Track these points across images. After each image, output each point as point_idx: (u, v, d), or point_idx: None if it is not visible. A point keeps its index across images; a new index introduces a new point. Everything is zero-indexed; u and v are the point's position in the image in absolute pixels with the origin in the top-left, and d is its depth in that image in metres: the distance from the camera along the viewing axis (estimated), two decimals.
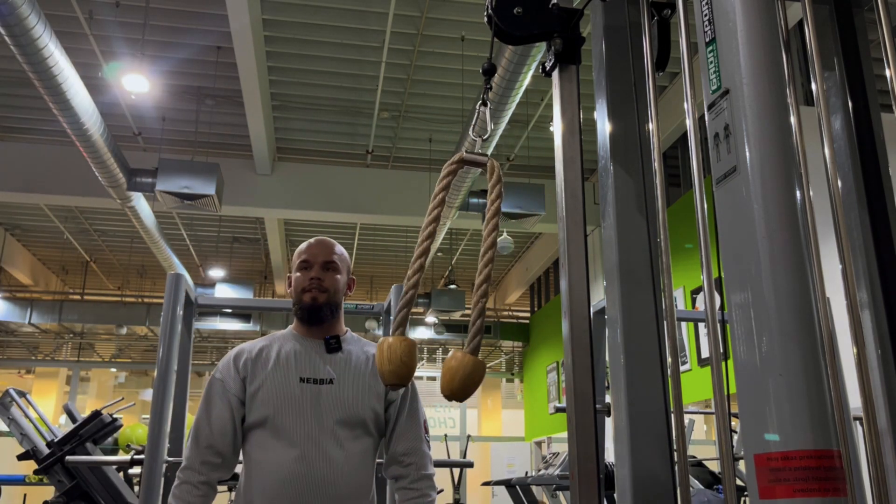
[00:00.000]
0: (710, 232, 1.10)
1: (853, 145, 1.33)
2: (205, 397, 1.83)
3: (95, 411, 4.79)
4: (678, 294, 7.08)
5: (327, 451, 1.75)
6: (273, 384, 1.79)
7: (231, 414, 1.79)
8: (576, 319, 1.26)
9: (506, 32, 1.36)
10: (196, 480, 1.74)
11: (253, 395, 1.79)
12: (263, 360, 1.84)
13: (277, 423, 1.76)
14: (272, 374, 1.81)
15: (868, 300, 1.27)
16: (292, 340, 1.89)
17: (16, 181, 8.54)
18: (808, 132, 1.04)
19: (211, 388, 1.83)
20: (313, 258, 1.89)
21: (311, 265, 1.88)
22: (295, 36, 6.76)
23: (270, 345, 1.88)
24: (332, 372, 1.83)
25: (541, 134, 8.41)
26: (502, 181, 1.35)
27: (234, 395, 1.80)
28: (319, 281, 1.86)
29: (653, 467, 1.32)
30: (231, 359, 1.86)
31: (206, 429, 1.78)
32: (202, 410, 1.82)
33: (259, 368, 1.82)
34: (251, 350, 1.87)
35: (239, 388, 1.81)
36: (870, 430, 0.97)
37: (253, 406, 1.78)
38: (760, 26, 1.05)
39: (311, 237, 1.95)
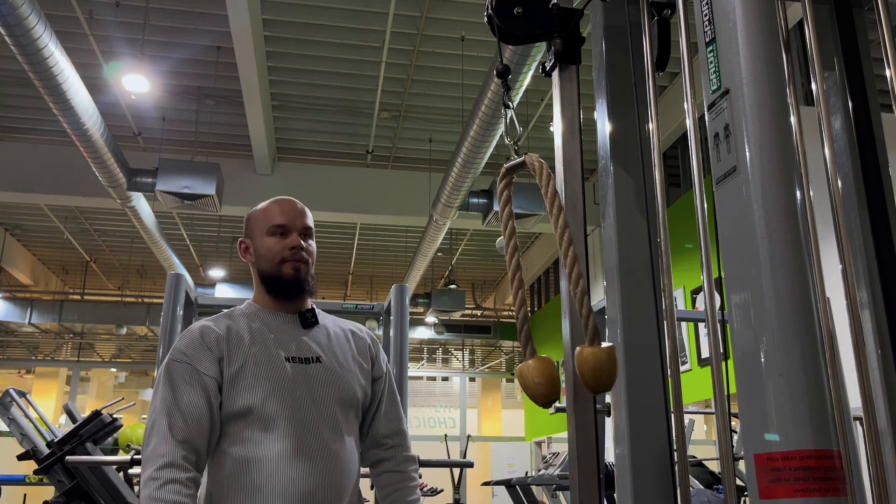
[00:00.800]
0: (710, 232, 1.10)
1: (853, 145, 1.33)
2: (166, 384, 1.50)
3: (95, 411, 4.78)
4: (678, 294, 7.08)
5: (327, 440, 1.51)
6: (258, 366, 1.51)
7: (207, 401, 1.47)
8: (576, 319, 1.26)
9: (506, 32, 1.36)
10: (184, 478, 1.40)
11: (233, 378, 1.50)
12: (237, 337, 1.55)
13: (267, 411, 1.48)
14: (253, 353, 1.53)
15: (868, 300, 1.27)
16: (261, 315, 1.62)
17: (16, 181, 8.54)
18: (808, 132, 1.04)
19: (172, 371, 1.50)
20: (291, 223, 1.62)
21: (289, 231, 1.62)
22: (295, 36, 6.76)
23: (235, 321, 1.60)
24: (318, 349, 1.59)
25: (541, 134, 8.41)
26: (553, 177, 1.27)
27: (211, 378, 1.49)
28: (301, 251, 1.61)
29: (653, 467, 1.32)
30: (197, 336, 1.54)
31: (178, 420, 1.44)
32: (168, 399, 1.47)
33: (234, 347, 1.53)
34: (217, 326, 1.57)
35: (216, 369, 1.50)
36: (870, 430, 0.97)
37: (233, 392, 1.49)
38: (760, 26, 1.05)
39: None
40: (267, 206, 1.67)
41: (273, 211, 1.64)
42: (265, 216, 1.65)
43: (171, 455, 1.41)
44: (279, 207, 1.65)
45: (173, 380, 1.49)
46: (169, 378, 1.50)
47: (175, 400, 1.47)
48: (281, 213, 1.63)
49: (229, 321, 1.60)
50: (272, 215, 1.64)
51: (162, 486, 1.38)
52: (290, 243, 1.60)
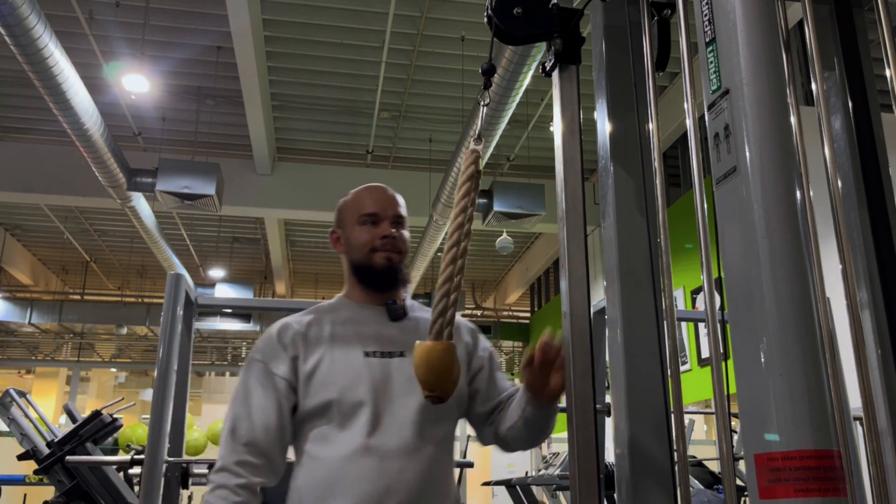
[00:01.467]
0: (710, 232, 1.10)
1: (853, 145, 1.33)
2: (241, 384, 1.49)
3: (95, 411, 4.78)
4: (678, 294, 7.08)
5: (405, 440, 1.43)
6: (333, 361, 1.46)
7: (277, 403, 1.45)
8: (576, 319, 1.26)
9: (506, 33, 1.36)
10: (233, 484, 1.38)
11: (308, 376, 1.46)
12: (316, 333, 1.51)
13: (344, 409, 1.43)
14: (330, 348, 1.48)
15: (868, 300, 1.27)
16: (346, 308, 1.57)
17: (16, 181, 8.54)
18: (808, 132, 1.04)
19: (249, 372, 1.49)
20: (383, 211, 1.56)
21: (380, 219, 1.55)
22: (295, 36, 6.76)
23: (319, 316, 1.56)
24: (403, 343, 1.50)
25: (541, 134, 8.41)
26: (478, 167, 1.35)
27: (282, 379, 1.46)
28: (394, 240, 1.55)
29: (653, 467, 1.32)
30: (275, 335, 1.52)
31: (244, 423, 1.43)
32: (239, 400, 1.47)
33: (312, 343, 1.49)
34: (298, 323, 1.54)
35: (288, 369, 1.47)
36: (870, 430, 0.97)
37: (309, 390, 1.45)
38: (760, 26, 1.05)
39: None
40: (357, 194, 1.61)
41: (364, 199, 1.59)
42: (356, 205, 1.59)
43: (226, 459, 1.41)
44: (370, 195, 1.59)
45: (248, 380, 1.49)
46: (245, 377, 1.50)
47: (246, 401, 1.46)
48: (372, 202, 1.58)
49: (313, 316, 1.56)
50: (363, 204, 1.58)
51: (212, 490, 1.39)
52: (382, 232, 1.54)
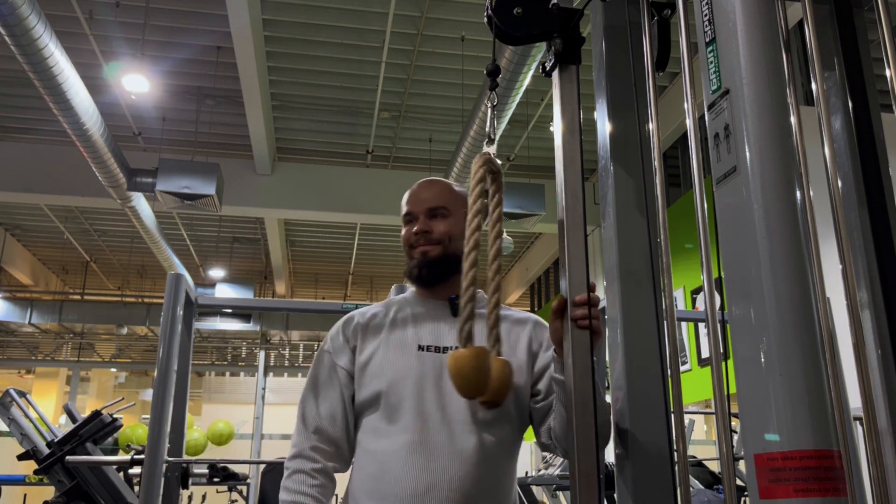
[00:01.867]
0: (710, 232, 1.10)
1: (853, 145, 1.33)
2: (312, 375, 1.55)
3: (95, 411, 4.78)
4: (678, 294, 7.08)
5: (454, 438, 1.41)
6: (387, 353, 1.49)
7: (340, 392, 1.50)
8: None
9: (506, 33, 1.36)
10: (310, 468, 1.44)
11: (363, 366, 1.50)
12: (376, 324, 1.55)
13: (392, 401, 1.44)
14: (385, 340, 1.52)
15: (868, 300, 1.27)
16: (412, 303, 1.60)
17: (16, 181, 8.53)
18: (808, 132, 1.04)
19: (319, 363, 1.56)
20: (416, 206, 1.59)
21: (415, 215, 1.58)
22: (295, 36, 6.76)
23: (386, 309, 1.60)
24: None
25: (541, 134, 8.41)
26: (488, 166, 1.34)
27: (343, 369, 1.52)
28: (427, 234, 1.55)
29: (653, 467, 1.32)
30: (340, 326, 1.58)
31: (312, 412, 1.50)
32: (309, 391, 1.53)
33: (370, 334, 1.54)
34: (362, 315, 1.58)
35: (348, 359, 1.53)
36: (870, 430, 0.97)
37: (363, 380, 1.49)
38: (760, 26, 1.05)
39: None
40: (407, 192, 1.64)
41: (405, 199, 1.63)
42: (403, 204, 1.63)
43: (300, 445, 1.47)
44: (409, 194, 1.63)
45: (317, 371, 1.55)
46: (315, 368, 1.56)
47: (315, 392, 1.52)
48: (409, 198, 1.62)
49: (381, 308, 1.61)
50: (404, 204, 1.62)
51: (290, 475, 1.45)
52: (414, 228, 1.57)
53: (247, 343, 16.09)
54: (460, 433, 1.42)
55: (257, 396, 12.67)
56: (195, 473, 3.93)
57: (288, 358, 16.23)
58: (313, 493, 1.42)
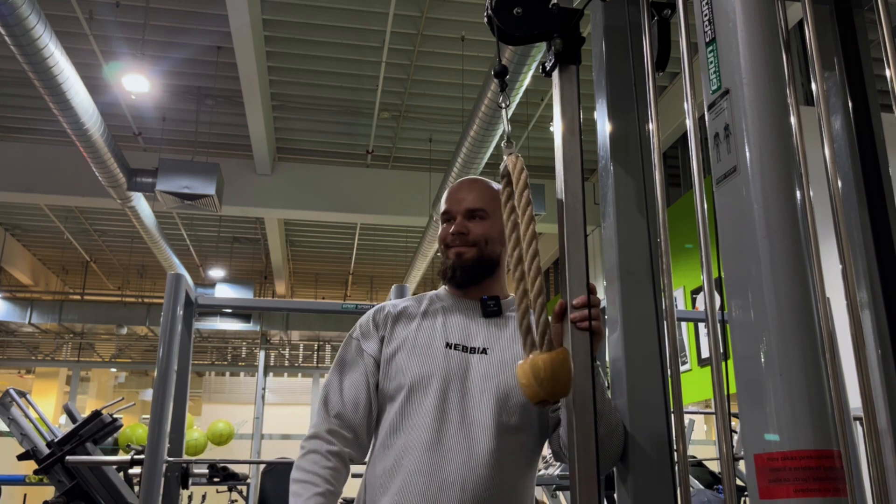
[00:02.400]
0: (710, 232, 1.10)
1: (853, 145, 1.33)
2: (338, 359, 1.54)
3: (95, 411, 4.78)
4: (678, 294, 7.08)
5: (472, 440, 1.39)
6: (414, 347, 1.48)
7: (366, 379, 1.49)
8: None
9: (506, 33, 1.36)
10: (325, 450, 1.43)
11: (389, 358, 1.49)
12: (407, 317, 1.55)
13: (414, 397, 1.43)
14: (414, 334, 1.51)
15: (868, 300, 1.27)
16: (444, 299, 1.59)
17: (16, 181, 8.53)
18: (808, 132, 1.04)
19: (346, 348, 1.55)
20: (455, 206, 1.57)
21: (452, 215, 1.57)
22: (295, 36, 6.76)
23: (418, 303, 1.58)
24: (488, 340, 1.50)
25: (541, 134, 8.41)
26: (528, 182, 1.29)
27: (370, 356, 1.51)
28: (463, 235, 1.54)
29: (653, 468, 1.32)
30: (371, 314, 1.57)
31: (335, 395, 1.48)
32: (334, 374, 1.52)
33: (400, 326, 1.53)
34: (394, 306, 1.58)
35: (376, 347, 1.51)
36: (870, 430, 0.97)
37: (388, 372, 1.48)
38: (760, 26, 1.05)
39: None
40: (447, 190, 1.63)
41: (444, 197, 1.61)
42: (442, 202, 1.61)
43: (318, 427, 1.46)
44: (449, 193, 1.61)
45: (344, 356, 1.54)
46: (342, 353, 1.55)
47: (340, 375, 1.51)
48: (448, 196, 1.60)
49: (412, 302, 1.59)
50: (443, 202, 1.61)
51: (304, 455, 1.44)
52: (451, 228, 1.55)
53: (247, 343, 16.10)
54: (479, 436, 1.40)
55: (257, 396, 12.68)
56: (195, 473, 3.93)
57: (288, 358, 16.23)
58: (325, 474, 1.40)
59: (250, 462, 8.55)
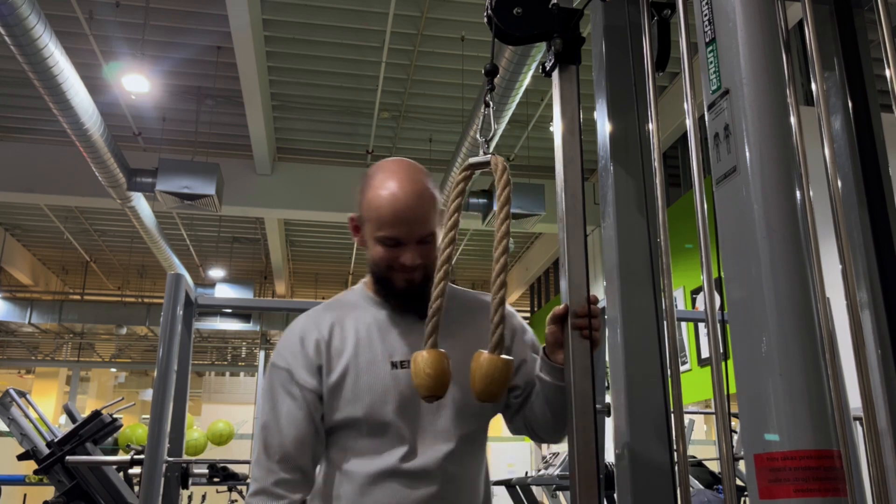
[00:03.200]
0: (710, 232, 1.10)
1: (853, 145, 1.33)
2: (268, 395, 1.38)
3: (95, 411, 4.78)
4: (678, 294, 7.08)
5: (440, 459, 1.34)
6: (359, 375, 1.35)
7: (307, 413, 1.35)
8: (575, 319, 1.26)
9: (506, 33, 1.36)
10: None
11: (333, 389, 1.35)
12: (340, 339, 1.39)
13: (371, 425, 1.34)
14: (355, 358, 1.36)
15: (868, 300, 1.27)
16: (371, 308, 1.44)
17: (16, 181, 8.54)
18: (808, 132, 1.04)
19: (273, 381, 1.38)
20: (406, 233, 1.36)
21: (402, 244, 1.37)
22: (295, 36, 6.76)
23: (342, 317, 1.42)
24: None
25: (541, 134, 8.41)
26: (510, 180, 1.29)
27: (310, 390, 1.35)
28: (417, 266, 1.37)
29: (653, 468, 1.32)
30: (297, 341, 1.39)
31: (275, 437, 1.33)
32: (268, 413, 1.36)
33: (336, 352, 1.37)
34: (319, 326, 1.41)
35: (314, 379, 1.36)
36: (870, 430, 0.97)
37: (335, 404, 1.35)
38: (760, 26, 1.05)
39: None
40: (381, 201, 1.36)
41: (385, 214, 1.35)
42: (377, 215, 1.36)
43: (263, 481, 1.32)
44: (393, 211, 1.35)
45: (274, 389, 1.38)
46: (270, 387, 1.39)
47: (274, 413, 1.35)
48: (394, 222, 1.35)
49: (336, 314, 1.43)
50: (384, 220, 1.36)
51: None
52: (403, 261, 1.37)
53: (247, 343, 16.10)
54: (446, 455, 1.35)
55: (257, 396, 12.68)
56: (195, 473, 3.93)
57: None
58: None
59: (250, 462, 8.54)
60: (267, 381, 1.41)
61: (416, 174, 1.41)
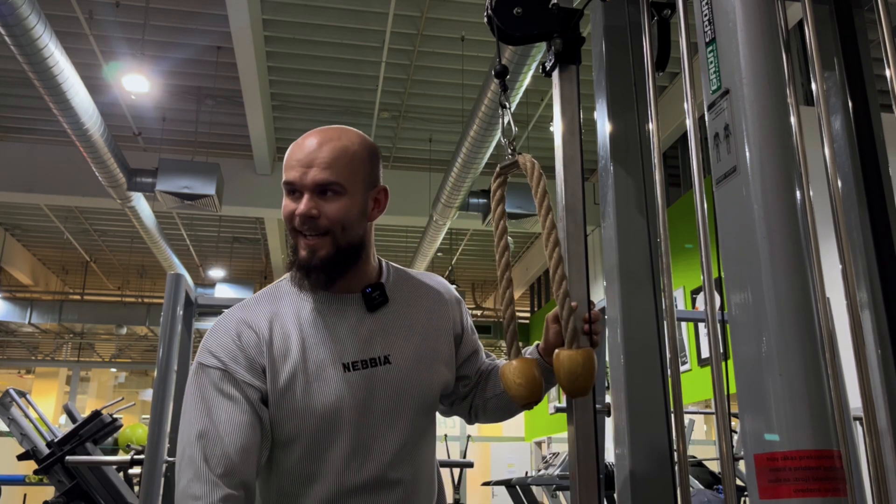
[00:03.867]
0: (710, 232, 1.10)
1: (853, 145, 1.33)
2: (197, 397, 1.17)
3: (95, 411, 4.78)
4: (678, 294, 7.08)
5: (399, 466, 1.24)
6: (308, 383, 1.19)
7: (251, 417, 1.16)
8: (576, 319, 1.26)
9: (506, 33, 1.36)
10: None
11: (279, 398, 1.19)
12: (282, 338, 1.22)
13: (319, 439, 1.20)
14: (302, 362, 1.20)
15: (868, 300, 1.27)
16: (315, 299, 1.26)
17: (16, 181, 8.54)
18: (808, 132, 1.04)
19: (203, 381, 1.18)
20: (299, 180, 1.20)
21: (296, 188, 1.21)
22: (295, 36, 6.76)
23: (282, 309, 1.25)
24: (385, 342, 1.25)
25: (541, 134, 8.41)
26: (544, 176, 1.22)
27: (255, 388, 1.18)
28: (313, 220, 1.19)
29: (653, 467, 1.32)
30: (232, 338, 1.21)
31: (217, 447, 1.13)
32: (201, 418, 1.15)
33: (280, 354, 1.21)
34: (255, 323, 1.23)
35: (258, 378, 1.19)
36: (870, 430, 0.97)
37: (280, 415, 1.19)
38: (760, 26, 1.05)
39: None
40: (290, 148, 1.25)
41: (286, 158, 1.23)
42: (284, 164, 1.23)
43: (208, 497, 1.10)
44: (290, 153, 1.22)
45: (205, 392, 1.17)
46: (200, 389, 1.18)
47: (210, 419, 1.15)
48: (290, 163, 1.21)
49: (274, 308, 1.25)
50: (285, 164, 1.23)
51: None
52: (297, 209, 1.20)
53: None
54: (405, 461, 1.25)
55: None
56: None
57: None
58: None
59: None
60: (194, 385, 1.20)
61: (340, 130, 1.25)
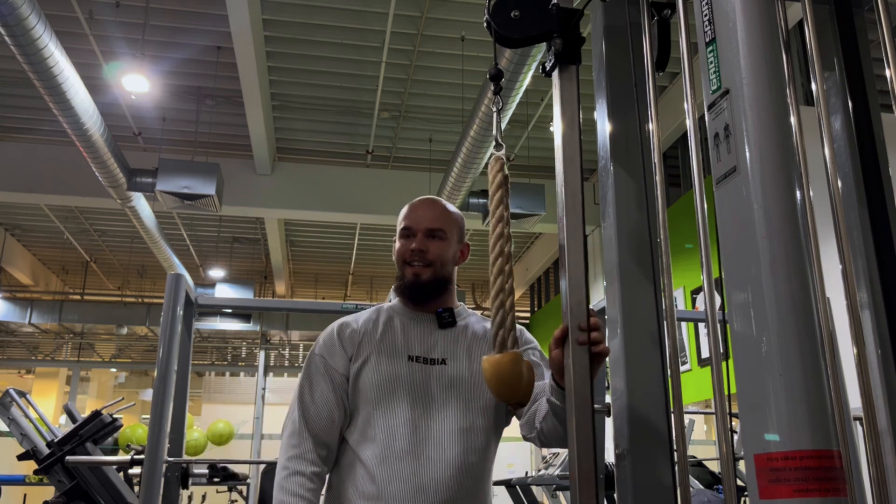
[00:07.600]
0: (710, 232, 1.10)
1: (853, 145, 1.33)
2: (305, 376, 1.59)
3: (95, 411, 4.78)
4: (678, 294, 7.07)
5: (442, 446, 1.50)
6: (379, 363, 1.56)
7: (336, 396, 1.55)
8: (575, 319, 1.26)
9: (504, 36, 1.36)
10: (309, 472, 1.47)
11: (357, 373, 1.56)
12: (370, 332, 1.61)
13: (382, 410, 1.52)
14: (378, 349, 1.58)
15: (868, 300, 1.27)
16: (401, 313, 1.66)
17: (16, 181, 8.53)
18: (808, 132, 1.04)
19: (311, 366, 1.60)
20: (416, 224, 1.63)
21: (413, 232, 1.62)
22: (295, 36, 6.76)
23: (377, 317, 1.65)
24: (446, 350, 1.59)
25: (541, 134, 8.41)
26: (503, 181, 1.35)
27: (340, 374, 1.57)
28: (423, 253, 1.60)
29: (653, 467, 1.32)
30: (334, 331, 1.63)
31: (312, 413, 1.53)
32: (306, 394, 1.56)
33: (365, 342, 1.59)
34: (356, 321, 1.64)
35: (345, 364, 1.58)
36: (870, 430, 0.97)
37: (356, 387, 1.55)
38: (760, 26, 1.05)
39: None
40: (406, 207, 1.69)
41: (405, 212, 1.67)
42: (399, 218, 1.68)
43: (301, 447, 1.50)
44: (410, 208, 1.67)
45: (311, 373, 1.58)
46: (308, 371, 1.59)
47: (311, 393, 1.56)
48: (408, 213, 1.66)
49: (373, 315, 1.66)
50: (402, 216, 1.67)
51: (288, 476, 1.47)
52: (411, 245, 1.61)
53: (247, 343, 16.10)
54: (448, 442, 1.50)
55: (257, 396, 12.68)
56: (195, 473, 3.93)
57: (288, 358, 16.23)
58: (310, 497, 1.46)
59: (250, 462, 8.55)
60: (305, 366, 1.62)
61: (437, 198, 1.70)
